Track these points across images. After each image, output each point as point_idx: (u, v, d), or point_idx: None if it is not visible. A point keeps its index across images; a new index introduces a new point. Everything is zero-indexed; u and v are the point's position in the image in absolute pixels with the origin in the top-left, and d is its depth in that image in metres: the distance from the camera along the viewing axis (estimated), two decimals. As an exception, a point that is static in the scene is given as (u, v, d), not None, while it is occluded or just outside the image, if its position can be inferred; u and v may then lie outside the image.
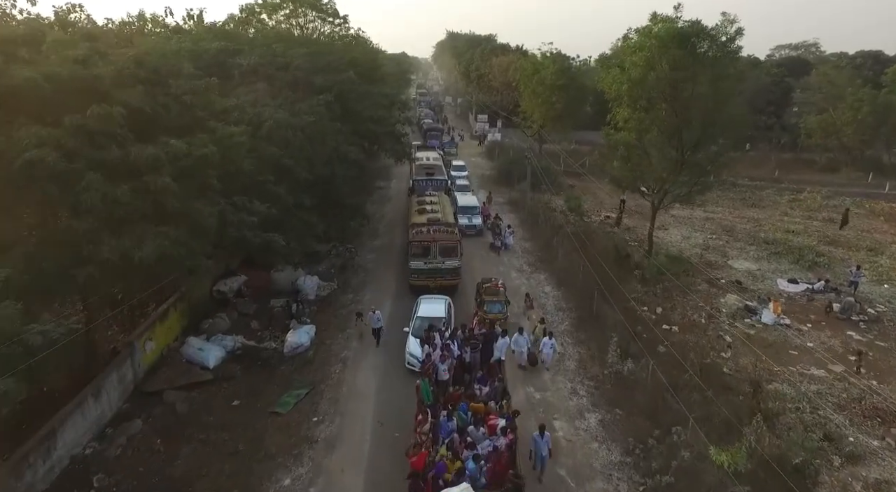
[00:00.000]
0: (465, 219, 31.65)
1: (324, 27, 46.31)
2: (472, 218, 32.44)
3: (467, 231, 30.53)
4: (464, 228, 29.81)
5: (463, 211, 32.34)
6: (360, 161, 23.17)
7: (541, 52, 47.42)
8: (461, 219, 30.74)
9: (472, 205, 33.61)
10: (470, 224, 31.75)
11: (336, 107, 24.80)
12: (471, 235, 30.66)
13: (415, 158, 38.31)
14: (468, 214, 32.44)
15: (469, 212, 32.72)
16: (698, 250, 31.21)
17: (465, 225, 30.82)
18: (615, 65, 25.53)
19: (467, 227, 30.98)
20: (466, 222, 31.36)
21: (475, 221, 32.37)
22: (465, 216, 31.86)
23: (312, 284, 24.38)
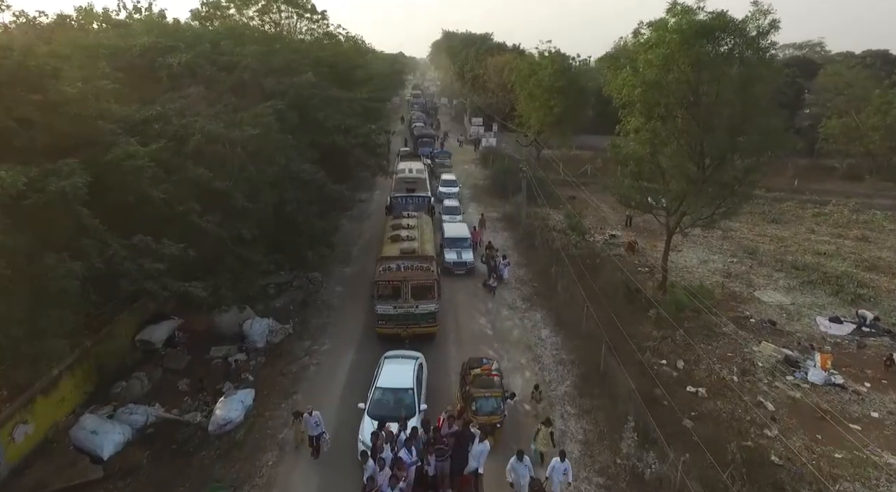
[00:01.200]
0: (453, 254, 25.96)
1: (300, 23, 42.22)
2: (462, 252, 26.14)
3: (455, 269, 25.48)
4: (450, 266, 25.31)
5: (451, 243, 26.58)
6: (318, 181, 19.01)
7: (538, 51, 43.29)
8: (448, 254, 25.79)
9: (461, 236, 27.25)
10: (458, 260, 25.76)
11: (292, 115, 20.69)
12: (460, 275, 25.60)
13: (395, 169, 34.15)
14: (457, 248, 26.33)
15: (458, 245, 26.51)
16: (719, 278, 27.10)
17: (453, 262, 25.60)
18: (625, 65, 21.40)
19: (455, 264, 25.61)
20: (454, 259, 25.72)
21: (465, 256, 25.99)
22: (452, 250, 26.17)
23: (262, 328, 20.22)
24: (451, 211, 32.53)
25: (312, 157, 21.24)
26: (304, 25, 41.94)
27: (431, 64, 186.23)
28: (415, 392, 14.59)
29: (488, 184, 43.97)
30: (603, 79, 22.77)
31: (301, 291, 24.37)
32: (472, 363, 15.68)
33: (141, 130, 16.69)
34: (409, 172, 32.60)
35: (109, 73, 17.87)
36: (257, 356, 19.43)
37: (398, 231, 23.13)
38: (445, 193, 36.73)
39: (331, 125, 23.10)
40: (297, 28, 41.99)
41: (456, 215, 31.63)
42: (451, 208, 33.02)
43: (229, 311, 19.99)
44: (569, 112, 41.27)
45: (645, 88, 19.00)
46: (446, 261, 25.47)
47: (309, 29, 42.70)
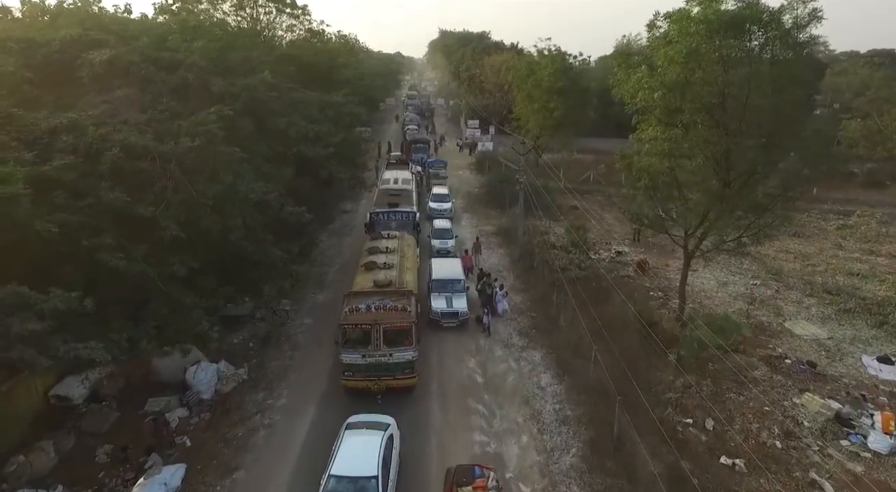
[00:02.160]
0: (442, 300, 20.56)
1: (280, 19, 38.98)
2: (454, 298, 20.71)
3: (444, 321, 20.33)
4: (438, 317, 20.37)
5: (440, 287, 21.17)
6: (272, 202, 15.78)
7: (537, 49, 40.06)
8: (435, 300, 20.67)
9: (453, 277, 21.70)
10: (448, 310, 20.32)
11: (245, 122, 17.50)
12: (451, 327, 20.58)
13: (380, 178, 30.92)
14: (447, 292, 20.94)
15: (448, 288, 21.06)
16: (742, 305, 23.83)
17: (441, 312, 20.32)
18: (639, 63, 18.17)
19: (444, 315, 20.30)
20: (443, 307, 20.35)
21: (457, 303, 20.58)
22: (441, 295, 20.83)
23: (209, 376, 17.01)
24: (442, 234, 28.04)
25: (272, 173, 17.98)
26: (285, 21, 38.73)
27: (429, 64, 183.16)
28: (379, 482, 11.34)
29: (484, 192, 40.71)
30: (612, 80, 19.50)
31: (265, 323, 21.19)
32: (459, 477, 11.51)
33: (46, 143, 13.45)
34: (393, 182, 29.33)
35: (15, 72, 14.63)
36: (201, 412, 16.22)
37: (375, 256, 19.90)
38: (436, 210, 32.72)
39: (295, 133, 19.84)
40: (278, 24, 38.76)
41: (447, 240, 27.43)
42: (441, 231, 28.29)
43: (172, 353, 16.78)
44: (570, 115, 38.10)
45: (666, 91, 15.74)
46: (433, 311, 20.36)
47: (289, 26, 39.47)
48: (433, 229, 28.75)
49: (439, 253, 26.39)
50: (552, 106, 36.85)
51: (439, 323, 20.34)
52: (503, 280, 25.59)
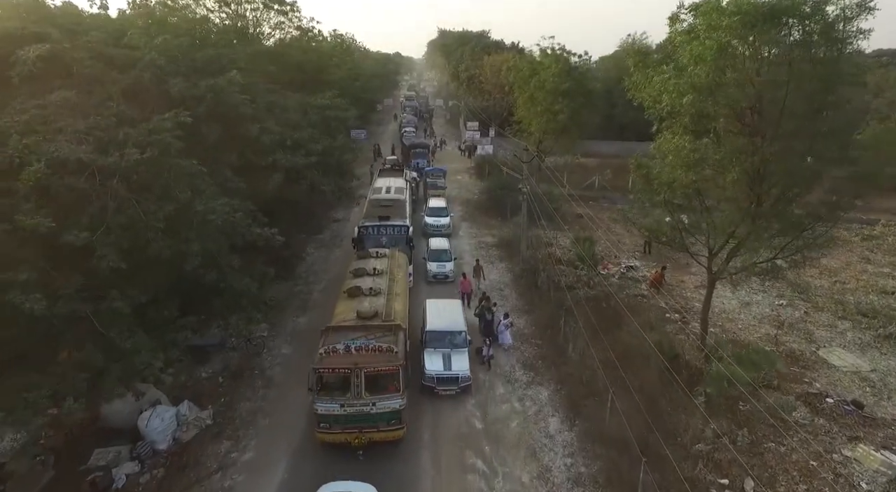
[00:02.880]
0: (438, 360, 16.36)
1: (267, 15, 36.70)
2: (453, 356, 16.45)
3: (440, 388, 16.17)
4: (432, 381, 16.13)
5: (436, 339, 16.79)
6: (235, 222, 13.43)
7: (540, 48, 37.77)
8: (430, 358, 16.39)
9: (454, 328, 17.13)
10: (445, 374, 16.15)
11: (211, 129, 15.24)
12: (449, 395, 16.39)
13: (371, 187, 28.64)
14: (444, 348, 16.66)
15: (447, 342, 16.78)
16: (769, 329, 21.59)
17: (436, 375, 16.15)
18: (660, 62, 15.88)
19: (440, 380, 16.14)
20: (438, 369, 16.21)
21: (458, 364, 16.35)
22: (437, 352, 16.54)
23: (165, 423, 14.72)
24: (439, 256, 24.87)
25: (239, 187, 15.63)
26: (272, 18, 36.43)
27: (428, 64, 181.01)
28: None
29: (484, 199, 38.36)
30: (627, 81, 17.21)
31: (237, 354, 18.92)
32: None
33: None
34: (385, 191, 27.02)
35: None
36: (154, 466, 13.96)
37: (360, 279, 17.62)
38: (432, 226, 29.71)
39: (270, 141, 17.53)
40: (265, 21, 36.46)
41: (445, 263, 24.55)
42: (438, 252, 25.07)
43: (123, 397, 14.47)
44: (575, 118, 35.81)
45: (696, 95, 13.41)
46: (426, 374, 16.16)
47: (277, 23, 37.20)
48: (429, 250, 25.59)
49: (436, 278, 24.01)
50: (556, 108, 34.57)
51: (434, 390, 16.11)
52: (504, 301, 23.39)
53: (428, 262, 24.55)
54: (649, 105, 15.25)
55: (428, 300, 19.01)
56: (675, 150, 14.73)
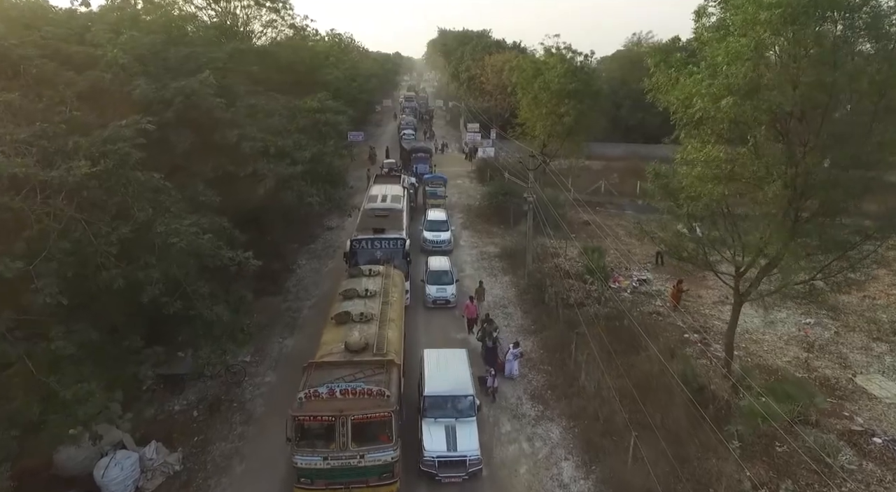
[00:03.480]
0: (440, 435, 12.81)
1: (259, 13, 34.95)
2: (459, 431, 12.88)
3: (441, 475, 12.64)
4: (433, 465, 12.59)
5: (436, 407, 13.35)
6: (203, 246, 11.59)
7: (544, 47, 35.96)
8: (430, 435, 12.84)
9: (459, 391, 13.69)
10: (450, 457, 12.63)
11: (182, 137, 13.50)
12: None
13: (366, 195, 26.89)
14: (449, 415, 13.23)
15: (451, 409, 13.37)
16: (797, 351, 19.86)
17: (438, 458, 12.61)
18: (688, 61, 14.09)
19: (443, 464, 12.62)
20: (441, 450, 12.65)
21: (465, 443, 12.80)
22: (438, 424, 13.08)
23: (126, 470, 12.98)
24: (440, 278, 22.13)
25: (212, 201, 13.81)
26: (263, 15, 34.67)
27: (428, 64, 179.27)
28: None
29: (485, 205, 36.50)
30: (648, 83, 15.46)
31: (215, 382, 17.17)
32: None
33: None
34: (381, 200, 25.23)
35: None
36: (112, 524, 12.17)
37: (350, 302, 15.87)
38: (432, 242, 27.11)
39: (250, 149, 15.75)
40: (256, 18, 34.68)
41: (446, 286, 21.83)
42: (438, 274, 22.32)
43: (80, 440, 12.68)
44: (582, 120, 34.01)
45: (738, 98, 11.58)
46: (425, 456, 12.61)
47: (269, 21, 35.45)
48: (428, 272, 22.64)
49: (436, 303, 21.76)
50: (562, 110, 32.76)
51: (436, 477, 12.59)
52: (508, 319, 21.64)
53: (427, 285, 21.85)
54: (677, 109, 13.45)
55: (426, 352, 15.48)
56: (706, 160, 12.93)
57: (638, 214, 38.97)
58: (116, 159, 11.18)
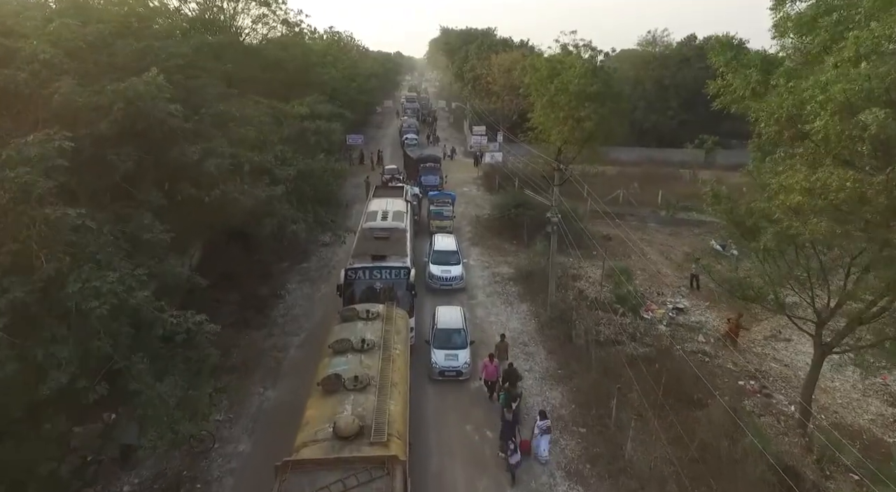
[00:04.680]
0: None
1: (247, 6, 31.73)
2: None
3: None
4: None
5: None
6: (136, 309, 8.49)
7: (560, 44, 32.76)
8: None
9: None
10: None
11: (125, 154, 10.37)
12: None
13: (365, 212, 23.69)
14: None
15: None
16: (880, 407, 16.69)
17: None
18: (774, 61, 10.92)
19: None
20: None
21: None
22: None
23: None
24: (450, 338, 17.15)
25: (159, 240, 10.57)
26: (252, 9, 31.46)
27: (429, 64, 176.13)
28: None
29: (495, 216, 33.14)
30: (713, 86, 12.31)
31: (178, 451, 13.98)
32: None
33: None
34: (381, 217, 22.03)
35: None
36: None
37: (343, 358, 12.70)
38: (440, 279, 22.42)
39: (217, 166, 12.52)
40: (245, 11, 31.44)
41: (458, 351, 16.73)
42: (448, 333, 17.29)
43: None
44: (604, 125, 30.84)
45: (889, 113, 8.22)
46: None
47: (260, 16, 32.23)
48: (436, 328, 17.54)
49: (444, 374, 16.57)
50: (582, 115, 29.57)
51: None
52: (530, 360, 18.45)
53: (433, 349, 16.86)
54: (771, 124, 10.22)
55: None
56: (811, 188, 9.72)
57: (661, 226, 36.09)
58: (14, 192, 8.01)
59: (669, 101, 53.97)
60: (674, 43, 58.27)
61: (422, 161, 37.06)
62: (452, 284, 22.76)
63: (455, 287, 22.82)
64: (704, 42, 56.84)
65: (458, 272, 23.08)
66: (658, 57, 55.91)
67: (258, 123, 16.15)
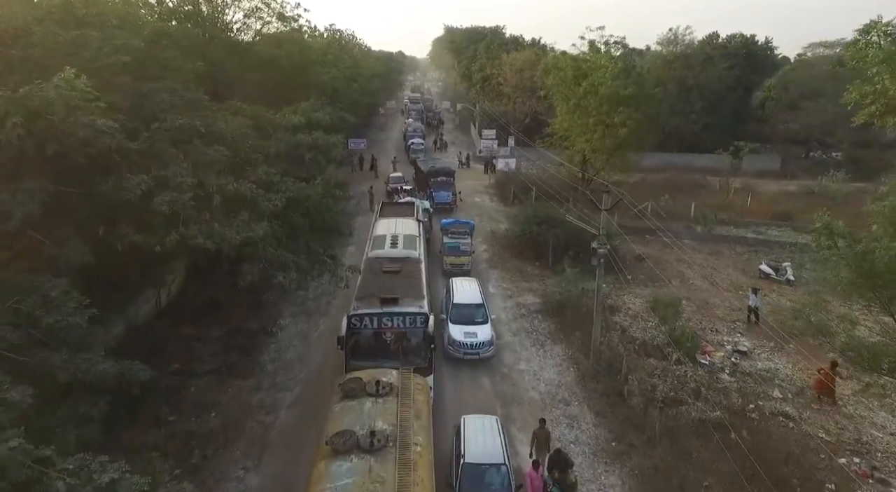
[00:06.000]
0: None
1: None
2: None
3: None
4: None
5: None
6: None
7: (588, 42, 29.29)
8: None
9: None
10: None
11: (27, 191, 7.00)
12: None
13: (370, 237, 20.28)
14: None
15: None
16: None
17: None
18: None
19: None
20: None
21: None
22: None
23: None
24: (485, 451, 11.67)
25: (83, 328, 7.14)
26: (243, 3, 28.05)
27: (432, 63, 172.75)
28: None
29: (515, 232, 29.41)
30: (853, 94, 8.93)
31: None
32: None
33: None
34: (390, 244, 18.60)
35: None
36: None
37: (343, 465, 9.27)
38: (462, 346, 17.13)
39: (171, 202, 9.02)
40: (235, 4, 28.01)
41: (497, 470, 11.36)
42: (479, 470, 11.37)
43: None
44: (638, 131, 27.42)
45: None
46: None
47: (252, 9, 28.81)
48: (465, 437, 11.98)
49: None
50: (616, 120, 26.12)
51: None
52: (574, 427, 15.01)
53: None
54: None
55: None
56: None
57: (698, 243, 32.56)
58: None
59: (693, 104, 50.56)
60: (696, 41, 54.82)
61: (433, 174, 33.02)
62: (480, 354, 17.26)
63: (483, 356, 17.43)
64: (728, 40, 53.57)
65: (487, 336, 17.58)
66: (679, 56, 52.47)
67: (240, 136, 12.68)
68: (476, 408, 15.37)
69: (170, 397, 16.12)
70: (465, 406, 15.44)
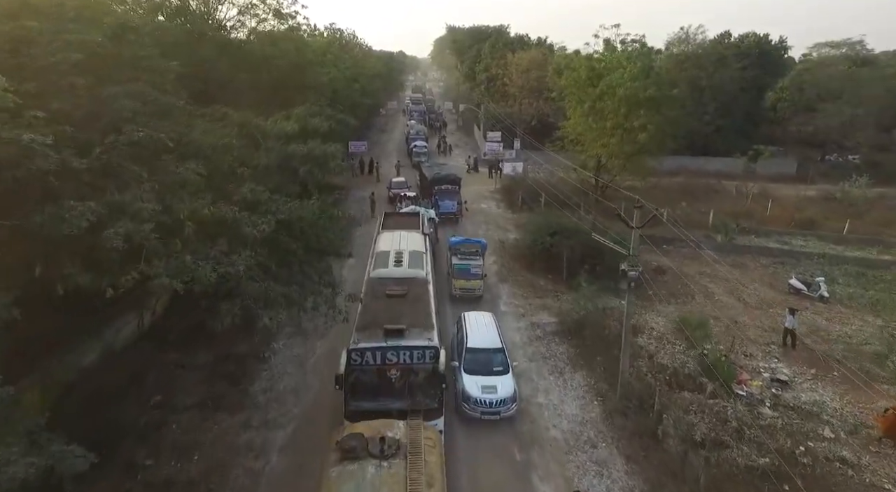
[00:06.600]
0: None
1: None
2: None
3: None
4: None
5: None
6: None
7: (604, 40, 27.52)
8: None
9: None
10: None
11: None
12: None
13: (372, 253, 18.49)
14: None
15: None
16: None
17: None
18: None
19: None
20: None
21: None
22: None
23: None
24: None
25: None
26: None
27: (434, 63, 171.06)
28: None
29: (525, 243, 27.52)
30: None
31: None
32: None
33: None
34: (394, 262, 16.82)
35: None
36: None
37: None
38: (481, 403, 14.10)
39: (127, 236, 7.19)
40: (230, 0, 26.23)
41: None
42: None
43: None
44: (659, 135, 25.63)
45: None
46: None
47: (247, 5, 27.02)
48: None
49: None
50: (637, 124, 24.32)
51: None
52: (603, 477, 13.19)
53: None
54: None
55: None
56: None
57: (720, 254, 30.67)
58: None
59: (706, 106, 48.74)
60: (707, 41, 52.99)
61: (438, 182, 30.86)
62: (501, 413, 14.19)
63: (504, 416, 14.33)
64: (741, 40, 51.79)
65: (510, 390, 14.46)
66: (691, 56, 50.65)
67: (221, 148, 10.89)
68: (491, 451, 13.66)
69: (148, 437, 14.42)
70: (479, 450, 13.72)
